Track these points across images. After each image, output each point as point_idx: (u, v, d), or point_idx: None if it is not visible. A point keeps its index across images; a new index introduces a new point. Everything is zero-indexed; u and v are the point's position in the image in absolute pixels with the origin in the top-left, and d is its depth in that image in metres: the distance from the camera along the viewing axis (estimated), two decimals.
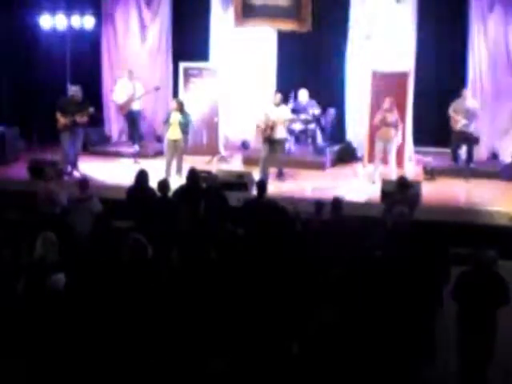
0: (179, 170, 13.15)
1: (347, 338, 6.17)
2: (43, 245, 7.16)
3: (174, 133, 13.32)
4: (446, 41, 14.38)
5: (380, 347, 6.16)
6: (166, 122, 13.41)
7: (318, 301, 6.70)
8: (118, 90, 15.08)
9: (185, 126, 13.35)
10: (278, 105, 13.17)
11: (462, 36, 14.41)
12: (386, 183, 11.69)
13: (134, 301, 6.51)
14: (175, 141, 13.30)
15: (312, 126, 14.50)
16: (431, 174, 13.39)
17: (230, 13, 15.35)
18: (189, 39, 15.66)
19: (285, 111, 13.25)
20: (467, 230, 10.36)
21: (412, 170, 14.02)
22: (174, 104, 13.51)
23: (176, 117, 13.26)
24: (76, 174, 13.16)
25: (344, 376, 5.89)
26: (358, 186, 13.15)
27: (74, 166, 13.48)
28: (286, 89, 14.65)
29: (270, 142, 12.96)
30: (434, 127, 14.36)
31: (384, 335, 6.29)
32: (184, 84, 15.25)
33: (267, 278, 7.09)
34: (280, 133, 13.04)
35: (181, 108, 13.38)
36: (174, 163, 13.28)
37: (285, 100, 13.98)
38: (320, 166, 14.17)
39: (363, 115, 14.53)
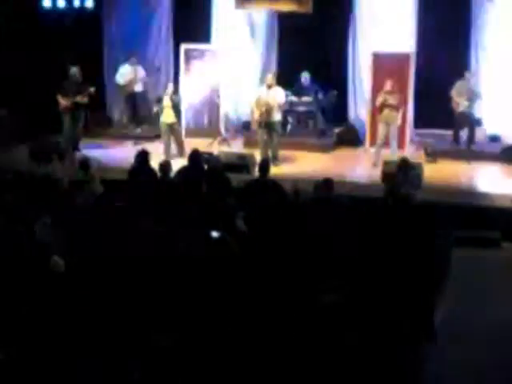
0: (181, 152, 13.15)
1: (348, 319, 6.18)
2: (42, 228, 7.17)
3: (168, 116, 13.34)
4: (449, 22, 14.29)
5: (380, 330, 6.16)
6: (159, 102, 13.42)
7: (319, 283, 6.70)
8: (120, 73, 15.08)
9: (177, 107, 13.38)
10: (270, 86, 13.00)
11: (465, 18, 14.34)
12: (387, 165, 11.68)
13: (137, 283, 6.54)
14: (170, 124, 13.33)
15: (313, 108, 14.46)
16: (433, 155, 13.37)
17: None
18: (190, 21, 15.60)
19: (279, 93, 13.06)
20: (468, 212, 10.37)
21: (413, 151, 14.00)
22: (171, 87, 13.50)
23: (169, 99, 13.32)
24: (77, 155, 13.16)
25: (344, 360, 5.89)
26: (360, 168, 13.15)
27: (76, 147, 13.48)
28: (287, 71, 14.63)
29: (266, 125, 12.91)
30: (436, 109, 14.31)
31: (384, 317, 6.29)
32: (185, 66, 15.20)
33: (268, 261, 7.10)
34: (276, 115, 12.96)
35: (175, 91, 13.46)
36: (173, 145, 13.32)
37: (286, 82, 13.95)
38: (322, 149, 14.15)
39: (365, 97, 14.51)
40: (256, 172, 10.89)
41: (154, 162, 10.29)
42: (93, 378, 5.69)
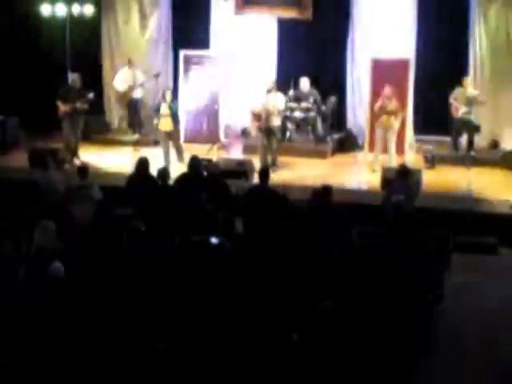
0: (180, 157, 13.13)
1: (346, 326, 6.17)
2: (41, 234, 7.16)
3: (166, 124, 13.18)
4: (447, 28, 14.34)
5: (377, 336, 6.16)
6: (157, 111, 13.27)
7: (317, 289, 6.70)
8: (119, 79, 15.10)
9: (175, 116, 13.27)
10: (271, 92, 13.02)
11: (463, 23, 14.38)
12: (386, 171, 11.68)
13: (134, 288, 6.53)
14: (168, 132, 13.24)
15: (312, 114, 14.45)
16: (432, 162, 13.37)
17: (231, 0, 15.30)
18: (189, 27, 15.63)
19: (279, 98, 13.08)
20: (468, 218, 10.37)
21: (413, 158, 14.01)
22: (169, 95, 13.36)
23: (167, 108, 13.14)
24: (76, 161, 13.15)
25: (342, 364, 5.89)
26: (359, 174, 13.15)
27: (75, 153, 13.48)
28: (286, 77, 14.63)
29: (266, 130, 12.91)
30: (435, 115, 14.32)
31: (381, 324, 6.29)
32: (184, 72, 15.22)
33: (267, 267, 7.09)
34: (275, 121, 12.96)
35: (173, 98, 13.37)
36: (172, 152, 13.26)
37: (286, 88, 13.96)
38: (321, 155, 14.15)
39: (364, 103, 14.52)
40: (255, 178, 10.90)
41: (154, 168, 10.27)
42: (93, 379, 5.70)
